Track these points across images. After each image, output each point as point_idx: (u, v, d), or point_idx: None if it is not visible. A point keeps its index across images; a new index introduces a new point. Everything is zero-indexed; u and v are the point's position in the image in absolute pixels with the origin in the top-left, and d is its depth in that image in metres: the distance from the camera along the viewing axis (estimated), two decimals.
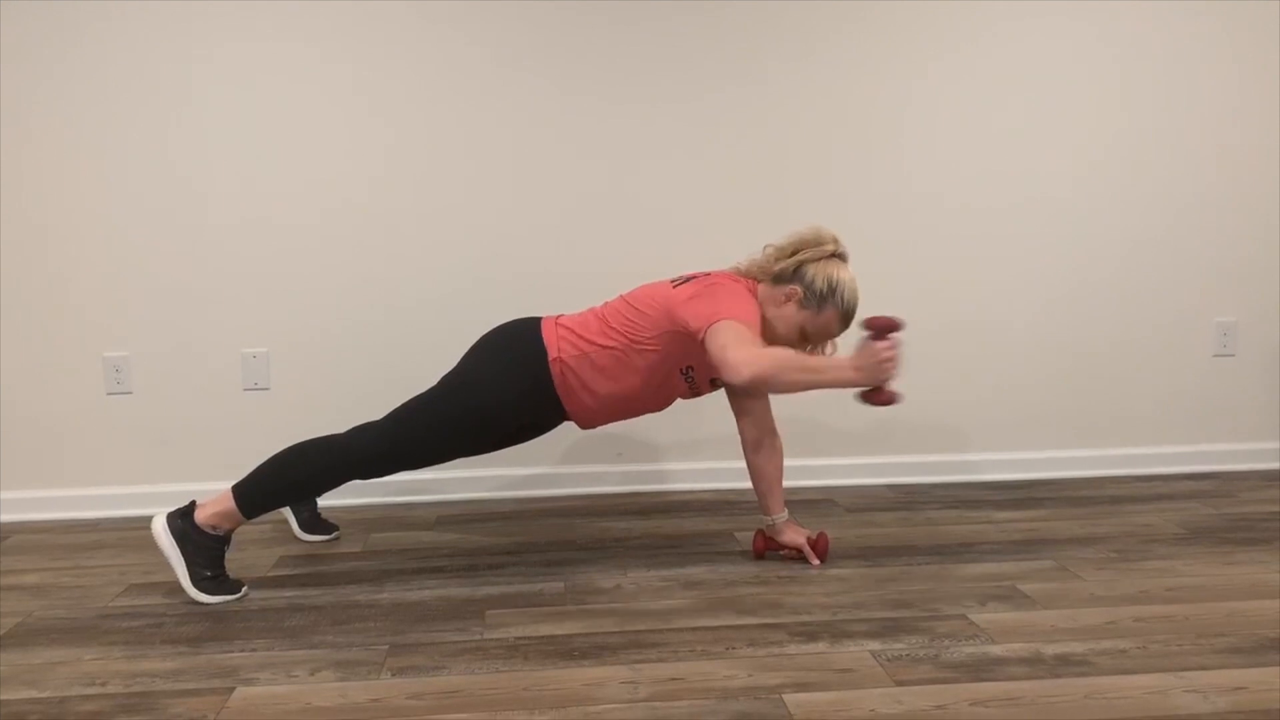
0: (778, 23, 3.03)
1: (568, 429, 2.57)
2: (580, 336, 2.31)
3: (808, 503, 2.99)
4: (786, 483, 2.50)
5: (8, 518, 2.95)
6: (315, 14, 2.90)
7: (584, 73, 3.00)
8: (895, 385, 2.15)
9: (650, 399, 2.40)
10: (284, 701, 1.77)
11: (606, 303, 2.41)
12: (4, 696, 1.81)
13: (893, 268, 3.15)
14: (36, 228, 2.90)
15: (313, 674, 1.88)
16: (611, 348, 2.30)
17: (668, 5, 2.98)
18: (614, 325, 2.31)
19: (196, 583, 2.25)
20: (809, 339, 2.32)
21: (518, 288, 3.01)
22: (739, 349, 2.06)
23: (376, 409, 2.56)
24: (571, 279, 2.97)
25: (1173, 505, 2.94)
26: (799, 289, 2.26)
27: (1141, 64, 3.15)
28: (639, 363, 2.30)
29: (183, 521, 2.25)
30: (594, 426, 2.47)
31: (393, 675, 1.87)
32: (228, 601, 2.25)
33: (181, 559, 2.25)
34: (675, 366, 2.31)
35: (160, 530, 2.24)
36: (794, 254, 2.28)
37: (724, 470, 3.09)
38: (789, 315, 2.28)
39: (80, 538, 2.79)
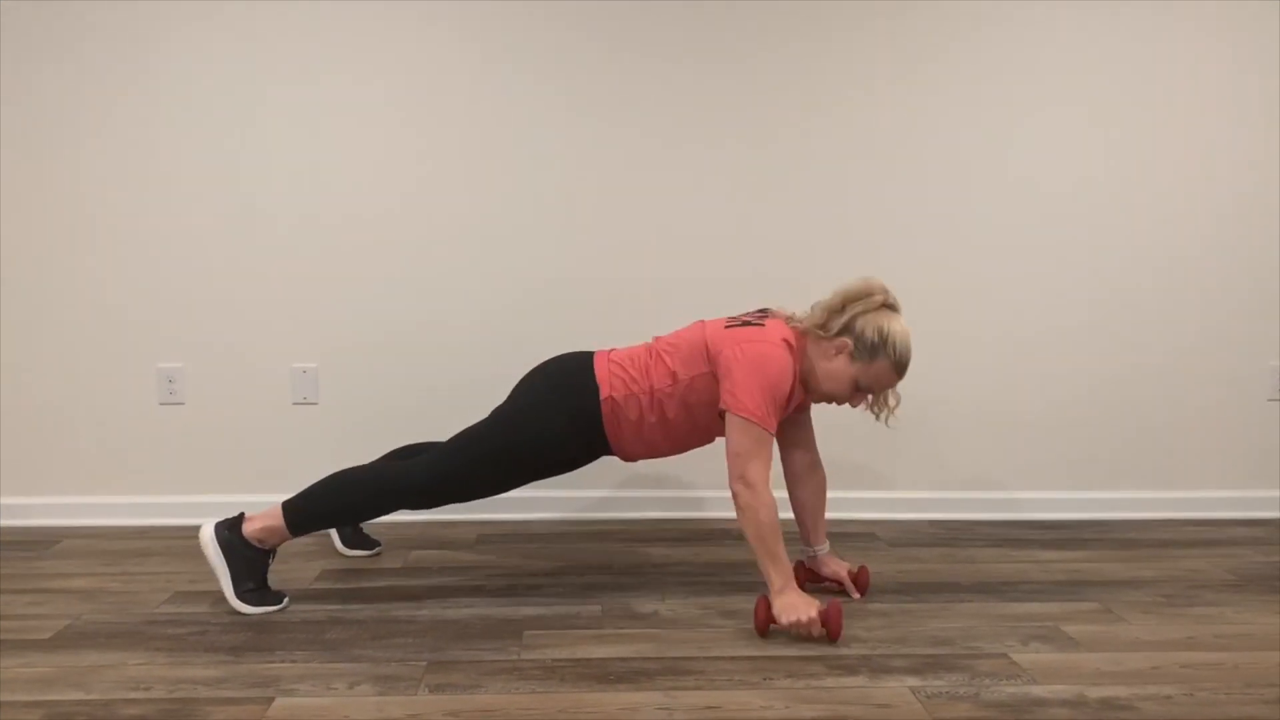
0: (815, 53, 3.06)
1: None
2: (631, 375, 2.32)
3: (849, 536, 2.97)
4: (828, 515, 2.49)
5: (60, 522, 3.01)
6: (376, 36, 2.96)
7: (640, 103, 3.04)
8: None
9: (693, 436, 2.41)
10: (322, 714, 1.79)
11: (657, 339, 2.41)
12: (53, 697, 1.85)
13: (945, 306, 3.14)
14: (96, 242, 2.98)
15: (351, 687, 1.90)
16: (659, 389, 2.30)
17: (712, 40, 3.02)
18: (664, 364, 2.31)
19: (239, 594, 2.28)
20: (864, 390, 2.28)
21: (566, 309, 3.04)
22: (751, 466, 2.18)
23: (421, 425, 2.61)
24: (622, 305, 3.01)
25: (1223, 551, 2.88)
26: (849, 341, 2.22)
27: (1199, 101, 3.12)
28: (688, 399, 2.30)
29: (230, 533, 2.28)
30: (636, 460, 2.48)
31: (430, 692, 1.88)
32: (269, 612, 2.28)
33: (226, 569, 2.28)
34: (714, 407, 2.29)
35: (208, 540, 2.28)
36: (843, 308, 2.24)
37: None
38: (840, 369, 2.25)
39: (129, 544, 2.84)
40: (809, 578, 2.48)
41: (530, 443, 2.33)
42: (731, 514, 3.13)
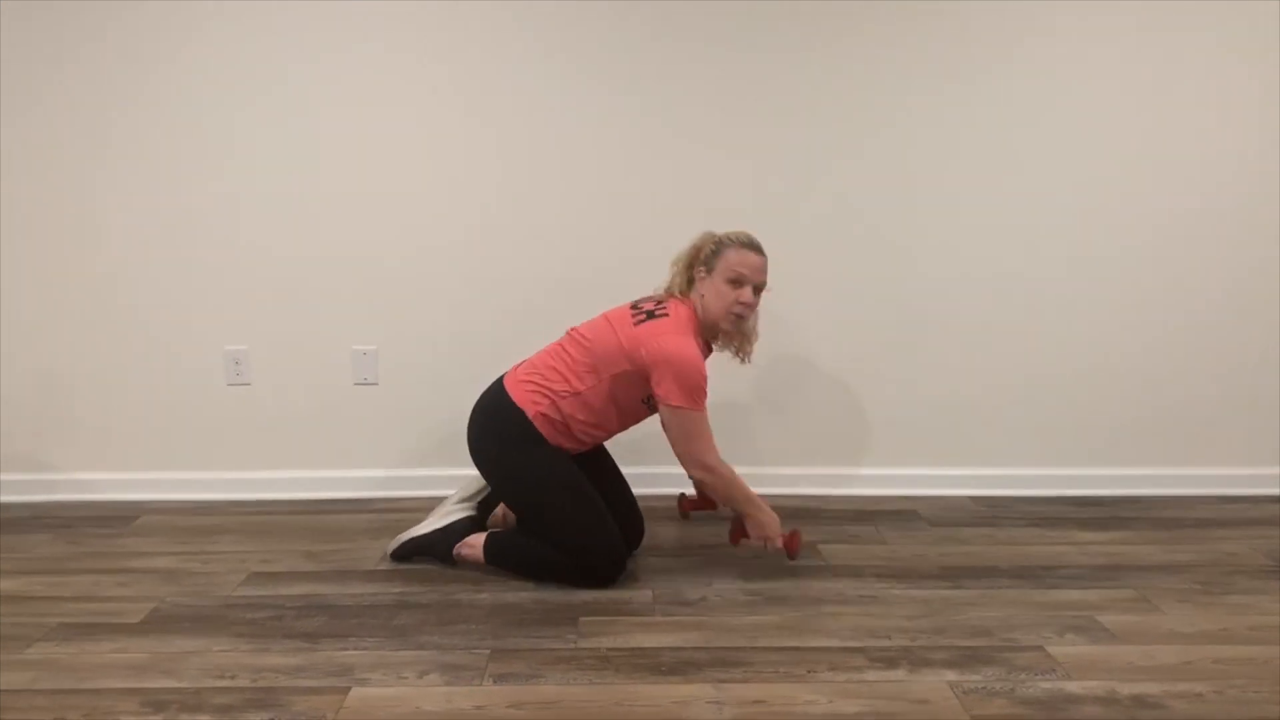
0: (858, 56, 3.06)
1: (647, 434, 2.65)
2: (547, 384, 2.49)
3: (891, 513, 3.05)
4: (871, 491, 2.61)
5: (137, 497, 3.17)
6: (433, 29, 3.00)
7: (685, 100, 3.07)
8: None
9: (621, 422, 2.58)
10: (396, 704, 1.92)
11: (571, 332, 2.58)
12: (148, 685, 1.99)
13: (983, 289, 3.17)
14: (168, 228, 3.08)
15: (421, 676, 2.03)
16: (578, 389, 2.47)
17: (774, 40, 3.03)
18: (580, 364, 2.48)
19: (400, 549, 2.63)
20: (742, 285, 2.45)
21: (620, 293, 3.10)
22: (706, 454, 2.43)
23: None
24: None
25: (1260, 532, 2.92)
26: (701, 270, 2.49)
27: (1199, 92, 3.10)
28: (614, 393, 2.47)
29: (473, 526, 2.63)
30: (576, 452, 2.62)
31: (494, 682, 2.00)
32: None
33: (431, 527, 2.61)
34: (636, 397, 2.49)
35: (468, 507, 2.66)
36: (690, 264, 2.53)
37: (809, 476, 3.18)
38: (713, 287, 2.47)
39: (202, 520, 2.99)
40: (693, 506, 2.90)
41: (554, 488, 2.48)
42: (779, 489, 3.23)
